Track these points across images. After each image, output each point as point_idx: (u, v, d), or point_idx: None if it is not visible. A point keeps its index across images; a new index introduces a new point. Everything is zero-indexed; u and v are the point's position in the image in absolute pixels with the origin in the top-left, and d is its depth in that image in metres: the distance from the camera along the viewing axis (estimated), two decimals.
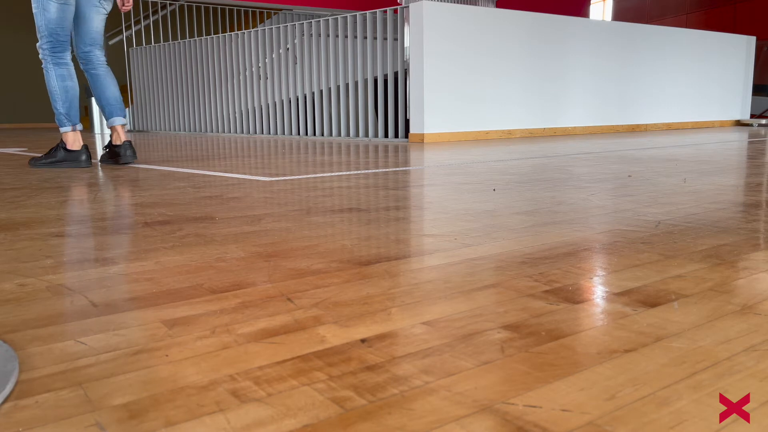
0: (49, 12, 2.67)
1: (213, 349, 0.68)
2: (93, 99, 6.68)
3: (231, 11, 8.88)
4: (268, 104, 5.93)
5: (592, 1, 11.30)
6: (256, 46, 5.92)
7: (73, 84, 2.79)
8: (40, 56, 2.75)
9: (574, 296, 0.85)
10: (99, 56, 2.87)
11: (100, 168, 2.81)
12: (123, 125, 2.92)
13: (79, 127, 2.85)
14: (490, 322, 0.75)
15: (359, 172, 2.51)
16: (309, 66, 5.49)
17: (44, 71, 2.76)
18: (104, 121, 6.74)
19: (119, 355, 0.66)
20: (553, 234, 1.26)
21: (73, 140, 2.80)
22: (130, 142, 2.92)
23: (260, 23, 8.77)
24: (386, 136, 5.02)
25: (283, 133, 5.83)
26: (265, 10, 8.79)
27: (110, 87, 2.90)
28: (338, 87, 5.28)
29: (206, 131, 6.57)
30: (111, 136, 2.94)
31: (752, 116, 7.40)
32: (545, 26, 5.16)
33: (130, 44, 7.80)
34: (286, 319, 0.77)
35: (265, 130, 5.98)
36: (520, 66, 5.05)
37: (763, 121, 6.87)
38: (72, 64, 2.82)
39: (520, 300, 0.84)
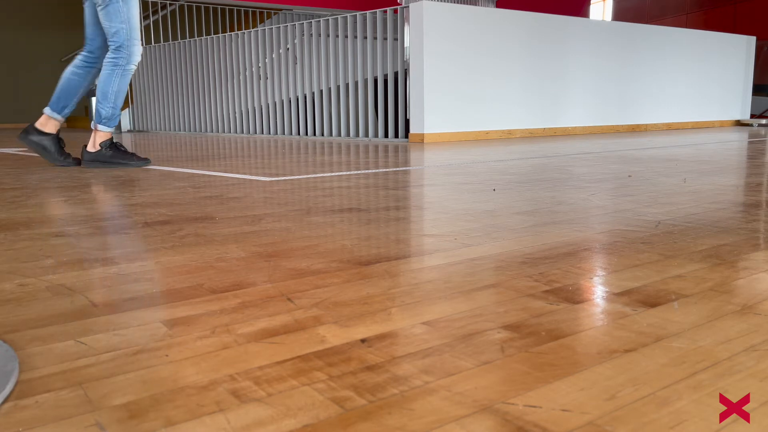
0: None
1: (213, 349, 0.68)
2: (92, 99, 6.68)
3: (231, 11, 8.87)
4: (268, 104, 5.92)
5: (592, 1, 11.30)
6: (256, 46, 5.92)
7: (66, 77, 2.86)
8: None
9: (574, 296, 0.85)
10: (108, 51, 2.84)
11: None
12: (94, 129, 2.87)
13: (51, 114, 2.85)
14: (490, 322, 0.75)
15: (359, 172, 2.51)
16: (309, 66, 5.49)
17: None
18: None
19: (119, 355, 0.66)
20: (553, 234, 1.26)
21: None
22: (83, 145, 2.90)
23: (260, 23, 8.77)
24: (386, 136, 5.02)
25: (283, 133, 5.83)
26: (265, 10, 8.79)
27: (98, 85, 2.86)
28: (338, 87, 5.28)
29: (206, 131, 6.57)
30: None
31: (752, 116, 7.40)
32: (545, 26, 5.16)
33: None
34: (286, 319, 0.77)
35: (265, 130, 5.98)
36: (520, 66, 5.05)
37: (763, 121, 6.87)
38: (79, 60, 2.88)
39: (520, 300, 0.84)
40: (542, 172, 2.44)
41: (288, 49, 5.64)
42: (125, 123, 7.54)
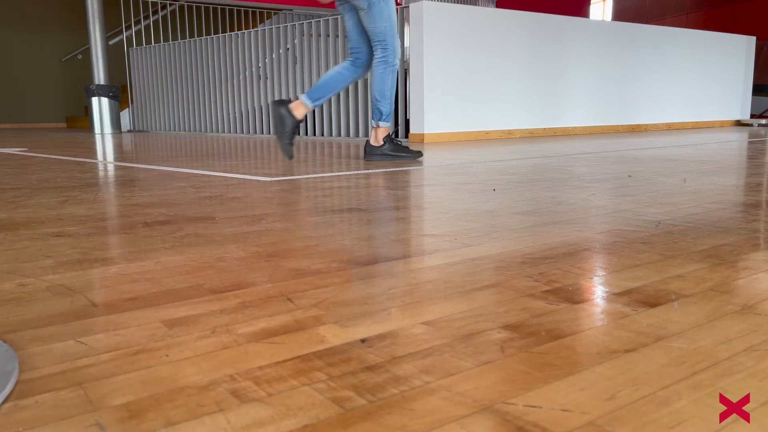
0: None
1: (213, 349, 0.68)
2: (92, 99, 6.68)
3: (231, 11, 8.87)
4: (268, 104, 5.92)
5: (592, 1, 11.30)
6: (256, 46, 5.91)
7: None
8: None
9: (574, 296, 0.85)
10: (375, 52, 2.94)
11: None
12: (374, 127, 3.01)
13: (305, 101, 2.98)
14: (490, 322, 0.75)
15: (359, 172, 2.51)
16: (309, 66, 5.49)
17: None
18: (104, 122, 6.75)
19: (119, 355, 0.66)
20: (553, 234, 1.26)
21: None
22: (367, 141, 3.05)
23: (260, 23, 8.77)
24: None
25: None
26: (265, 10, 8.79)
27: (373, 86, 2.97)
28: None
29: (206, 131, 6.57)
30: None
31: (752, 116, 7.40)
32: (545, 26, 5.16)
33: (130, 44, 7.80)
34: (286, 319, 0.77)
35: (265, 130, 5.98)
36: (520, 66, 5.05)
37: (763, 121, 6.87)
38: (348, 63, 3.03)
39: (520, 300, 0.84)
40: (542, 172, 2.44)
41: (288, 49, 5.64)
42: (125, 123, 7.54)
